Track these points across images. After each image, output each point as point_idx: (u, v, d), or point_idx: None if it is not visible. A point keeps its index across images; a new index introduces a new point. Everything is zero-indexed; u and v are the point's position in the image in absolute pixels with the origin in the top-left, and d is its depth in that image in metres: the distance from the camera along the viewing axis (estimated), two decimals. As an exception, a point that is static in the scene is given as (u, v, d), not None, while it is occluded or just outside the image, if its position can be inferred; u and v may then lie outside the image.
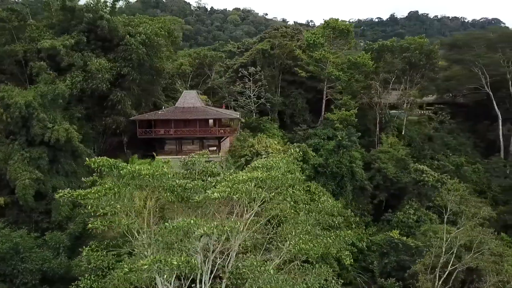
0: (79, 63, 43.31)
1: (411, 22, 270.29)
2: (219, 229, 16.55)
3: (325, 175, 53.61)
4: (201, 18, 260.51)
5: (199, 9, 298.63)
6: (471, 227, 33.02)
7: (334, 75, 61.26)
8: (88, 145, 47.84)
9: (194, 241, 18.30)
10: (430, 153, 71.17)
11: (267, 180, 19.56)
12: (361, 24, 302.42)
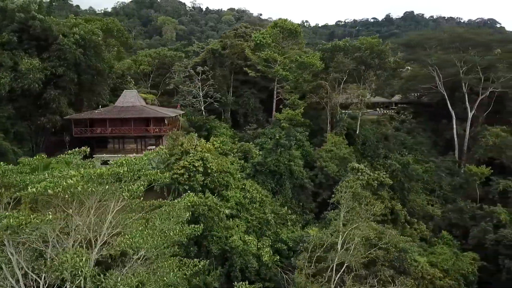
0: (8, 62, 44.01)
1: (406, 22, 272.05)
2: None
3: (264, 173, 54.36)
4: (196, 18, 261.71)
5: (194, 9, 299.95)
6: (367, 223, 33.86)
7: (280, 74, 62.01)
8: (23, 143, 48.75)
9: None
10: (384, 152, 72.17)
11: (104, 175, 20.28)
12: (357, 24, 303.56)
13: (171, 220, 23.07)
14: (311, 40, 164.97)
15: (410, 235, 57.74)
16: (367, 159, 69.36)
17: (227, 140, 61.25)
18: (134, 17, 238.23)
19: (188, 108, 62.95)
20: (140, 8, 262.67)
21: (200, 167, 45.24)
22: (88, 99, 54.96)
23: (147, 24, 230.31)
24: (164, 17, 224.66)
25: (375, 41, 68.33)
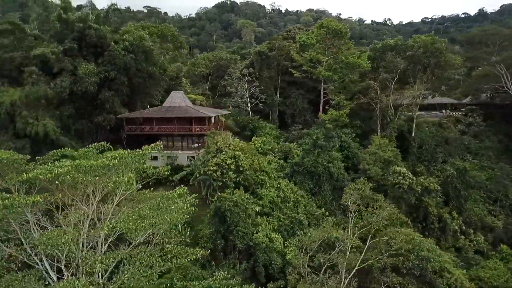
0: (69, 67, 49.69)
1: (503, 17, 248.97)
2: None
3: (302, 173, 54.51)
4: (274, 20, 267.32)
5: (273, 11, 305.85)
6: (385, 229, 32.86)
7: (323, 75, 61.58)
8: (83, 139, 54.49)
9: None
10: (443, 156, 68.05)
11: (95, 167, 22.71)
12: (445, 20, 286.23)
13: (160, 210, 24.87)
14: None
15: (462, 246, 54.31)
16: (424, 163, 65.90)
17: (271, 140, 62.43)
18: (216, 21, 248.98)
19: (235, 109, 65.15)
20: (222, 13, 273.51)
21: (232, 165, 46.90)
22: (141, 100, 59.63)
23: (227, 27, 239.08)
24: (243, 20, 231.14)
25: (429, 39, 64.60)
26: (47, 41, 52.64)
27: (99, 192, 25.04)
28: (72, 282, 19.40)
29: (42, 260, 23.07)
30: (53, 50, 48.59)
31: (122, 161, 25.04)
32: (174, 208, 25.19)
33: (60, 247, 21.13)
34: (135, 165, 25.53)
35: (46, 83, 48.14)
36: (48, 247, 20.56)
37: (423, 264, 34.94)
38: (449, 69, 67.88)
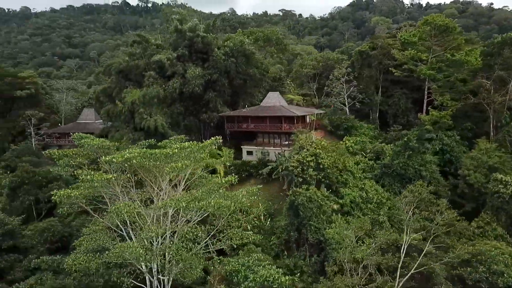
0: (180, 71, 57.77)
1: None
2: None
3: (391, 175, 53.42)
4: (413, 15, 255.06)
5: (413, 6, 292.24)
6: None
7: (424, 74, 58.55)
8: (191, 134, 62.44)
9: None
10: None
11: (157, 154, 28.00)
12: None
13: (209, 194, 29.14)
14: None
15: None
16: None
17: (365, 140, 62.06)
18: (349, 20, 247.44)
19: (330, 109, 66.28)
20: (355, 11, 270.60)
21: (312, 162, 48.97)
22: (243, 100, 65.35)
23: (360, 26, 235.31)
24: (378, 18, 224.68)
25: None
26: (166, 49, 61.79)
27: (166, 175, 30.40)
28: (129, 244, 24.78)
29: (118, 226, 29.25)
30: (168, 56, 57.15)
31: (183, 151, 29.80)
32: (221, 193, 28.99)
33: (132, 217, 26.73)
34: (193, 155, 29.90)
35: (160, 85, 56.89)
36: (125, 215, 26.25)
37: (494, 279, 32.45)
38: None
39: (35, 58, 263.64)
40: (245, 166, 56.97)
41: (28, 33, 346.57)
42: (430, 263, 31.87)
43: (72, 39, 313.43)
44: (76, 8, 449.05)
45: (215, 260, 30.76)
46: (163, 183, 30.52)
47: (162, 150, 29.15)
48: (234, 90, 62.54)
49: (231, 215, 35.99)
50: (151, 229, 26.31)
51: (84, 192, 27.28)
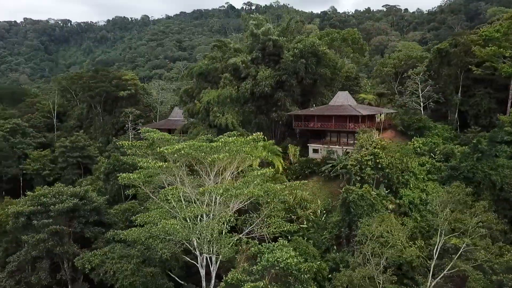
0: (252, 73, 62.38)
1: None
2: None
3: (458, 178, 51.38)
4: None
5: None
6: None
7: (505, 71, 54.61)
8: (263, 131, 66.63)
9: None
10: None
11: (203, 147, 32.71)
12: None
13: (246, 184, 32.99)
14: None
15: None
16: None
17: (438, 141, 60.03)
18: (460, 12, 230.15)
19: (402, 108, 65.01)
20: (469, 3, 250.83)
21: (370, 162, 49.83)
22: (314, 99, 67.65)
23: (474, 18, 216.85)
24: (495, 8, 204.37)
25: None
26: (244, 52, 66.95)
27: (214, 165, 35.04)
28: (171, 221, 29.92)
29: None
30: (243, 59, 62.18)
31: (226, 145, 34.17)
32: (256, 183, 32.70)
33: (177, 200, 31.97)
34: (236, 148, 33.98)
35: (234, 86, 62.16)
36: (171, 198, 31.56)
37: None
38: None
39: (150, 61, 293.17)
40: (309, 164, 59.47)
41: (146, 39, 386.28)
42: (461, 265, 31.62)
43: (182, 43, 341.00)
44: (187, 14, 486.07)
45: (244, 241, 34.46)
46: (211, 172, 35.21)
47: (209, 143, 33.78)
48: (304, 89, 65.20)
49: (276, 207, 39.15)
50: (189, 210, 31.08)
51: (142, 177, 33.18)
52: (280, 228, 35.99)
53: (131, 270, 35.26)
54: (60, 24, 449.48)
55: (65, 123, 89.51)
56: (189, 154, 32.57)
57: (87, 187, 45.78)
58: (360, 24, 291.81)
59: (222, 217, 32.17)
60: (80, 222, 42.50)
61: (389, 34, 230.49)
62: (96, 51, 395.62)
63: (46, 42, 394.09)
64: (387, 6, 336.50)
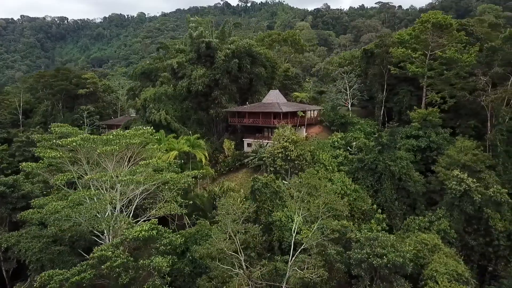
0: (188, 72, 67.26)
1: None
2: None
3: (364, 170, 56.21)
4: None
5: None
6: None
7: (413, 71, 59.15)
8: (203, 127, 71.61)
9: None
10: None
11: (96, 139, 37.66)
12: None
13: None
14: None
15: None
16: None
17: (359, 135, 64.65)
18: (451, 9, 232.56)
19: (329, 104, 69.52)
20: (459, 0, 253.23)
21: (280, 154, 54.69)
22: (252, 97, 72.40)
23: (464, 15, 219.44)
24: (485, 5, 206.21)
25: None
26: (186, 53, 71.80)
27: (110, 156, 39.96)
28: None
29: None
30: (178, 60, 67.04)
31: (119, 137, 39.08)
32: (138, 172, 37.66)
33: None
34: (126, 141, 38.85)
35: (173, 84, 67.04)
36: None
37: (373, 259, 35.91)
38: None
39: (143, 58, 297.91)
40: (240, 157, 64.40)
41: (141, 36, 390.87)
42: (313, 243, 36.39)
43: (176, 40, 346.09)
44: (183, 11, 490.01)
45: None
46: (109, 162, 40.20)
47: (100, 136, 38.76)
48: (240, 87, 69.96)
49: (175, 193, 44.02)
50: (79, 195, 36.25)
51: (40, 166, 38.35)
52: (172, 211, 40.98)
53: (38, 248, 40.27)
54: (57, 22, 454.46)
55: (30, 120, 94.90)
56: (82, 145, 37.56)
57: (16, 176, 50.88)
58: (352, 21, 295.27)
59: (114, 200, 37.20)
60: (8, 208, 47.72)
61: (379, 31, 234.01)
62: (92, 48, 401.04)
63: (42, 39, 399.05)
64: (380, 3, 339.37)
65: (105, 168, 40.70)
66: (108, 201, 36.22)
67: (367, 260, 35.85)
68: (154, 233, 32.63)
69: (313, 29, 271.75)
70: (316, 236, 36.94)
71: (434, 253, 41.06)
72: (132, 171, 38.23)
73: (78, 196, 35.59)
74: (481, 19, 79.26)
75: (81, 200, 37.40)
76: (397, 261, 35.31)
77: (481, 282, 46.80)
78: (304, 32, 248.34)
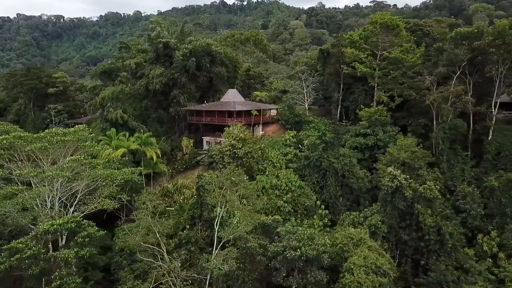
0: (146, 72, 68.75)
1: None
2: None
3: (310, 167, 57.62)
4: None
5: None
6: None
7: (361, 71, 60.59)
8: (164, 125, 73.04)
9: None
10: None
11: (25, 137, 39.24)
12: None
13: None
14: None
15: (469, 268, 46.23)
16: (499, 172, 56.37)
17: (312, 134, 65.98)
18: (445, 8, 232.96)
19: (285, 103, 70.70)
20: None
21: (228, 152, 56.22)
22: (213, 96, 73.88)
23: (457, 14, 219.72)
24: (477, 4, 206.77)
25: (506, 23, 53.54)
26: (147, 53, 73.31)
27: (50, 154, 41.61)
28: None
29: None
30: (136, 61, 68.59)
31: (51, 135, 40.74)
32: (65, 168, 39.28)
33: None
34: (57, 138, 40.50)
35: (132, 83, 68.59)
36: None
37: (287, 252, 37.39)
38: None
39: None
40: (196, 155, 65.91)
41: (136, 35, 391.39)
42: (230, 236, 37.96)
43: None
44: (179, 9, 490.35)
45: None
46: (44, 160, 41.85)
47: (32, 134, 40.39)
48: (199, 86, 71.41)
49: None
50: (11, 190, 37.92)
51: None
52: (104, 207, 42.60)
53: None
54: (53, 20, 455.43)
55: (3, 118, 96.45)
56: (13, 143, 39.21)
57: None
58: (346, 20, 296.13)
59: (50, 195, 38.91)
60: None
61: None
62: (88, 47, 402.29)
63: (38, 37, 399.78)
64: (375, 1, 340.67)
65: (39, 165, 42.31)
66: (36, 195, 37.72)
67: (283, 253, 37.34)
68: (72, 225, 34.13)
69: (307, 28, 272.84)
70: (234, 230, 38.41)
71: (359, 246, 42.65)
72: (59, 167, 39.72)
73: (6, 191, 37.12)
74: (439, 19, 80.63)
75: (12, 195, 38.90)
76: (311, 254, 36.83)
77: (415, 276, 48.19)
78: (298, 31, 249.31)
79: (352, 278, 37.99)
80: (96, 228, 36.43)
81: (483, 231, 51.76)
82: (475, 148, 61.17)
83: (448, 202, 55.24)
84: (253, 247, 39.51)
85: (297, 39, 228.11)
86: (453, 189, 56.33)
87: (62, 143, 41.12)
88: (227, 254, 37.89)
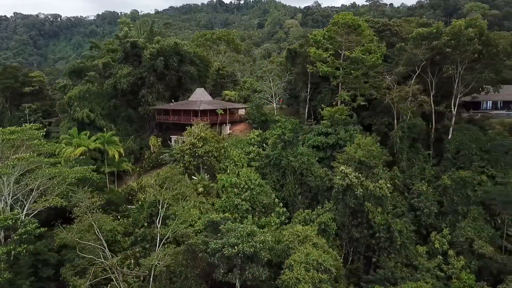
0: (114, 72, 69.30)
1: None
2: None
3: (270, 165, 58.12)
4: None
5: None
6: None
7: (323, 71, 61.07)
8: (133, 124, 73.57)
9: None
10: (479, 164, 56.71)
11: None
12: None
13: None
14: None
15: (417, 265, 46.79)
16: (458, 171, 56.88)
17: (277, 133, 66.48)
18: (440, 8, 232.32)
19: (254, 103, 71.18)
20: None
21: (188, 151, 56.77)
22: (183, 95, 74.39)
23: (452, 13, 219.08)
24: (472, 4, 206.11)
25: (461, 23, 53.99)
26: (116, 52, 73.86)
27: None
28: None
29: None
30: (103, 61, 69.20)
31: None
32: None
33: None
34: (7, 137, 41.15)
35: (100, 83, 69.20)
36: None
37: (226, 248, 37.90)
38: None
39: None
40: (162, 153, 66.45)
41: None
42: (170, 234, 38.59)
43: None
44: (176, 8, 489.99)
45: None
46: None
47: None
48: (168, 86, 71.94)
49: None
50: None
51: None
52: (52, 204, 43.17)
53: None
54: (50, 19, 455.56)
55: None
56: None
57: None
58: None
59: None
60: None
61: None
62: (85, 46, 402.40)
63: (35, 36, 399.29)
64: (371, 0, 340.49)
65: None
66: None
67: (221, 250, 37.89)
68: (9, 222, 34.80)
69: (302, 27, 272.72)
70: (175, 227, 39.02)
71: (304, 243, 43.19)
72: (5, 165, 40.32)
73: None
74: (408, 19, 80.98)
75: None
76: (248, 251, 37.34)
77: (367, 273, 48.78)
78: (293, 30, 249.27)
79: (291, 274, 38.51)
80: (36, 225, 37.02)
81: (437, 229, 52.36)
82: (437, 147, 61.66)
83: (406, 200, 55.90)
84: (195, 244, 40.07)
85: (292, 38, 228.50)
86: (411, 187, 56.90)
87: (8, 142, 41.69)
88: (165, 251, 38.49)
